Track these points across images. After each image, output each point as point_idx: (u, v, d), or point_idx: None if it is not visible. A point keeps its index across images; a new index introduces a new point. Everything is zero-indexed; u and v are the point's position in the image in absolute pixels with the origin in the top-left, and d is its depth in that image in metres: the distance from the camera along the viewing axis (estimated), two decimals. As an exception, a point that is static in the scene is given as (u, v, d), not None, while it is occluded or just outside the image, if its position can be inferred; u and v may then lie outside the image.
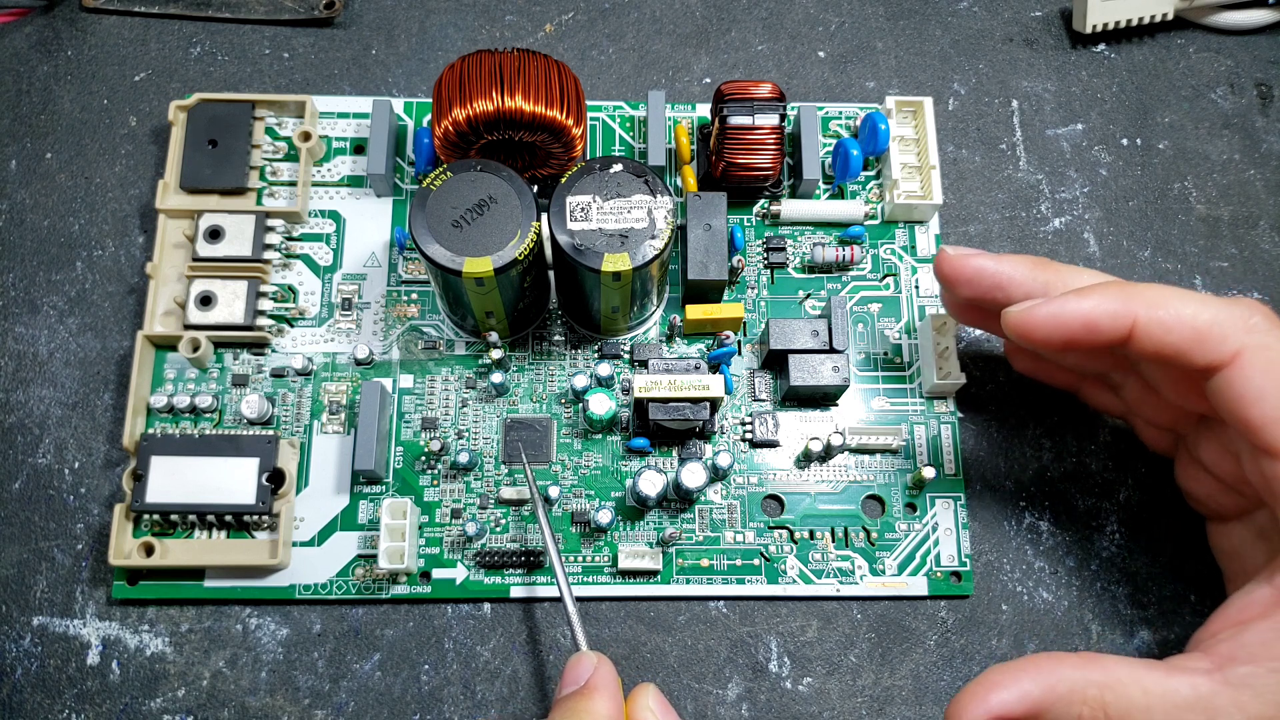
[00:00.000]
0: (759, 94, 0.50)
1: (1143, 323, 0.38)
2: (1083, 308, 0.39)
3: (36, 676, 0.47)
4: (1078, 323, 0.39)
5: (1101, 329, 0.39)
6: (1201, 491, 0.46)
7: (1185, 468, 0.46)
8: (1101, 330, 0.39)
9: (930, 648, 0.49)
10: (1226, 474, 0.43)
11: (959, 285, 0.44)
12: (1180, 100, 0.58)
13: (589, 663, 0.39)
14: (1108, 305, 0.39)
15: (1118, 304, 0.39)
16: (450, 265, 0.44)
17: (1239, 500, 0.44)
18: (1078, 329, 0.39)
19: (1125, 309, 0.39)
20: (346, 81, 0.57)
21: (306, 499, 0.49)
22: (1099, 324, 0.39)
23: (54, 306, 0.52)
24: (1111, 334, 0.39)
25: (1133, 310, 0.38)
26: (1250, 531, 0.43)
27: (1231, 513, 0.44)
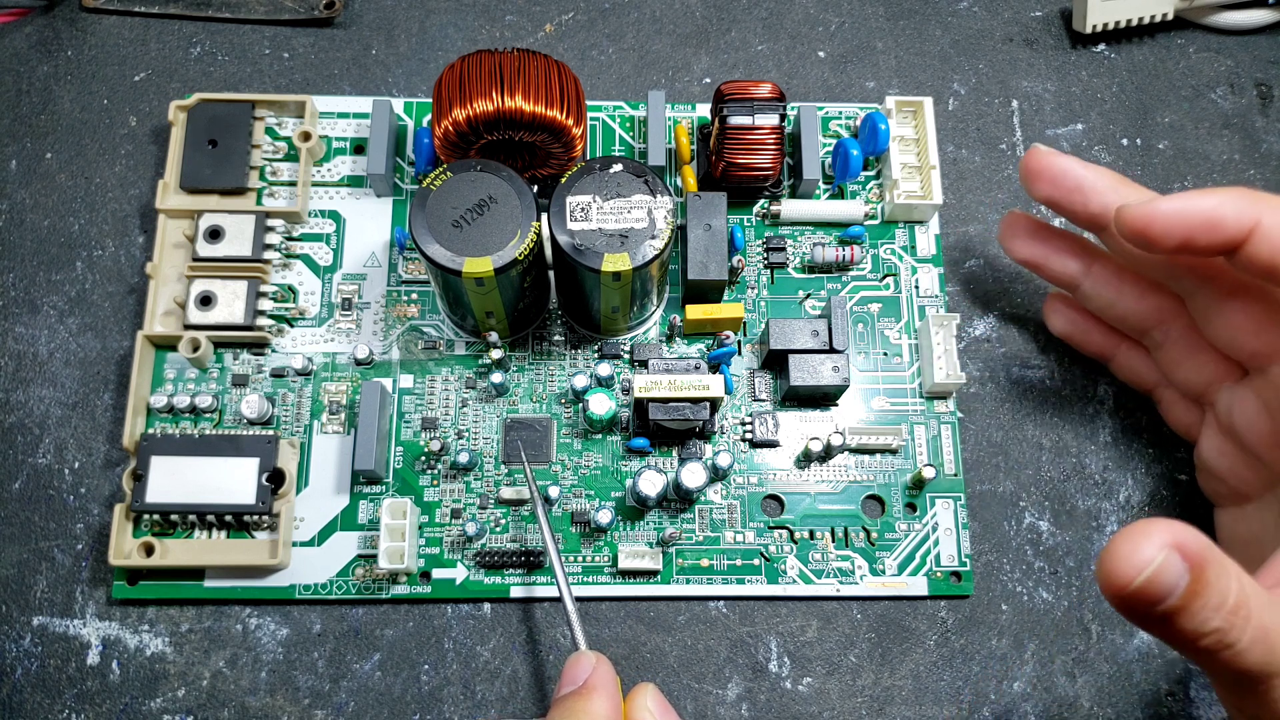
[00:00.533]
0: (759, 94, 0.50)
1: (1267, 225, 0.38)
2: (1209, 203, 0.38)
3: (36, 676, 0.47)
4: (1201, 218, 0.38)
5: (1225, 226, 0.38)
6: (1224, 466, 0.45)
7: (1210, 440, 0.46)
8: (1225, 228, 0.38)
9: (930, 648, 0.49)
10: (1258, 438, 0.43)
11: (1042, 181, 0.44)
12: (1180, 100, 0.58)
13: (587, 662, 0.39)
14: (1234, 203, 0.38)
15: (1244, 204, 0.38)
16: (450, 265, 0.44)
17: (1263, 474, 0.43)
18: (1200, 224, 0.38)
19: (1252, 209, 0.38)
20: (346, 81, 0.57)
21: (306, 499, 0.49)
22: (1224, 221, 0.38)
23: (54, 306, 0.52)
24: (1234, 233, 0.38)
25: (1258, 210, 0.38)
26: (1270, 513, 0.43)
27: (1253, 491, 0.44)
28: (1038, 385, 0.53)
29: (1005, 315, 0.54)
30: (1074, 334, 0.50)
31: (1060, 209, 0.45)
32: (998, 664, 0.48)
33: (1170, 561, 0.30)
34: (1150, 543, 0.30)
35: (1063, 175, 0.43)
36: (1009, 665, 0.48)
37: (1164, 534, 0.31)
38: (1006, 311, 0.54)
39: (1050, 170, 0.44)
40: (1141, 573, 0.30)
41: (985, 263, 0.55)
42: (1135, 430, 0.52)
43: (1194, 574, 0.31)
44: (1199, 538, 0.31)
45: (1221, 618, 0.31)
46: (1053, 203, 0.44)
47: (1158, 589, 0.31)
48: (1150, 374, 0.48)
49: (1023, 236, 0.48)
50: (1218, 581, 0.31)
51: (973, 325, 0.54)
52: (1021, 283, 0.54)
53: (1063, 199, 0.44)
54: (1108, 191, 0.43)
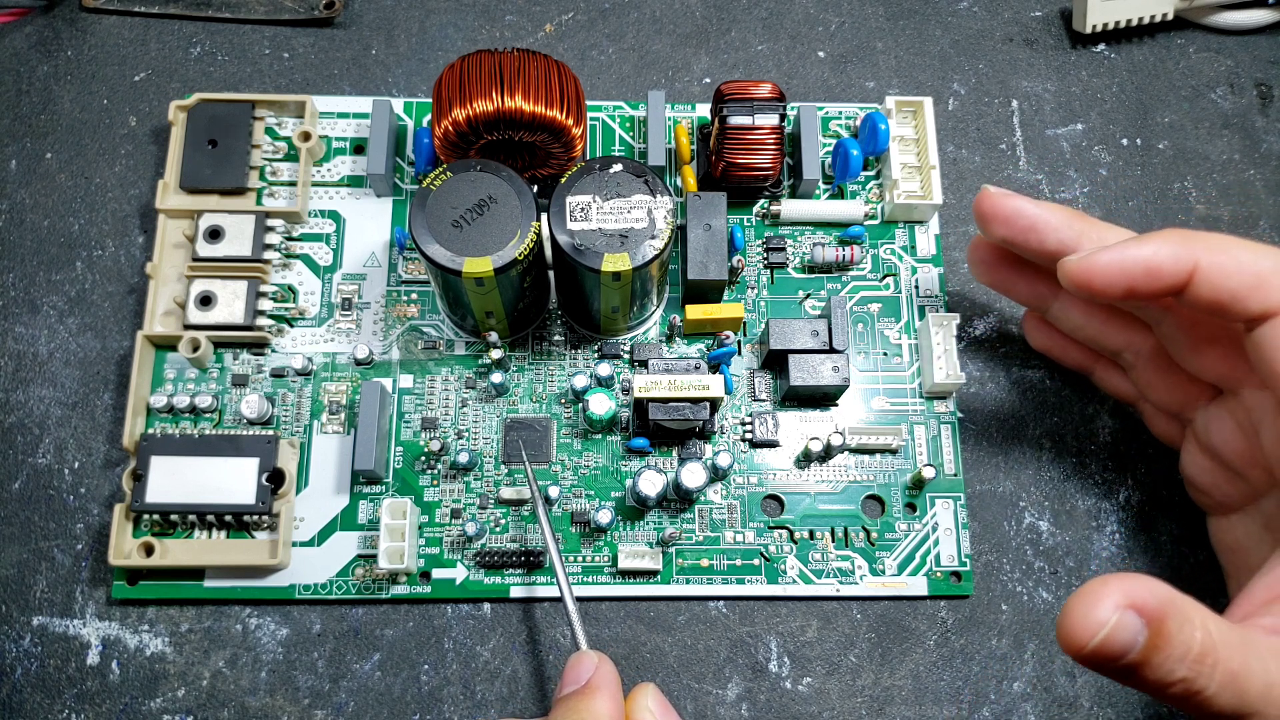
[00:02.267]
0: (759, 94, 0.50)
1: (1204, 267, 0.38)
2: (1144, 252, 0.39)
3: (36, 676, 0.47)
4: (1140, 268, 0.39)
5: (1164, 273, 0.39)
6: (1206, 480, 0.45)
7: (1191, 455, 0.46)
8: (1164, 275, 0.39)
9: (930, 648, 0.49)
10: (1235, 455, 0.43)
11: (995, 223, 0.44)
12: (1180, 100, 0.58)
13: (589, 662, 0.39)
14: (1170, 249, 0.39)
15: (1180, 248, 0.39)
16: (450, 265, 0.44)
17: (1244, 488, 0.44)
18: (1139, 274, 0.39)
19: (1188, 253, 0.38)
20: (346, 81, 0.57)
21: (306, 499, 0.49)
22: (1161, 268, 0.39)
23: (54, 306, 0.52)
24: (1173, 279, 0.39)
25: (1195, 254, 0.38)
26: (1255, 523, 0.43)
27: (1236, 503, 0.44)
28: (1038, 385, 0.53)
29: (1005, 315, 0.54)
30: (1052, 349, 0.51)
31: (1017, 248, 0.45)
32: (998, 664, 0.48)
33: (1125, 621, 0.31)
34: (1103, 604, 0.31)
35: (1015, 216, 0.44)
36: (1009, 665, 0.48)
37: (1117, 594, 0.31)
38: (1006, 311, 0.54)
39: (1002, 212, 0.44)
40: (1096, 634, 0.31)
41: (985, 263, 0.55)
42: (1135, 430, 0.52)
43: (1152, 629, 0.31)
44: (1157, 591, 0.32)
45: (1186, 668, 0.32)
46: (1009, 243, 0.45)
47: (1115, 648, 0.31)
48: (1129, 389, 0.49)
49: (987, 264, 0.49)
50: (1179, 634, 0.32)
51: (973, 325, 0.54)
52: (1021, 283, 0.55)
53: (1018, 239, 0.44)
54: (1062, 228, 0.43)
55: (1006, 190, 0.44)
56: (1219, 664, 0.32)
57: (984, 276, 0.49)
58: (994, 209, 0.44)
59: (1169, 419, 0.47)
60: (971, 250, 0.49)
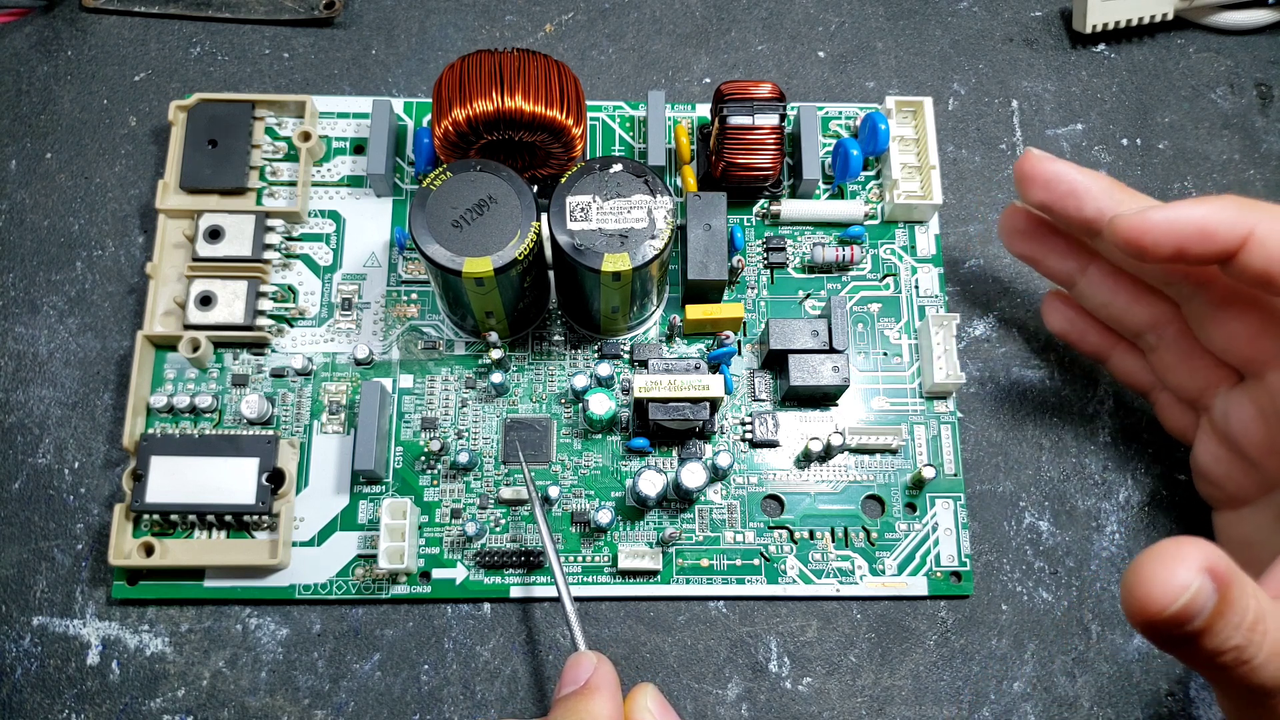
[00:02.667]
0: (759, 94, 0.50)
1: (1260, 235, 0.38)
2: (1200, 212, 0.38)
3: (36, 676, 0.47)
4: (1194, 228, 0.38)
5: (1218, 237, 0.38)
6: (1220, 471, 0.45)
7: (1205, 445, 0.46)
8: (1217, 238, 0.38)
9: (930, 648, 0.49)
10: (1253, 443, 0.43)
11: (1035, 185, 0.44)
12: (1180, 100, 0.58)
13: (588, 662, 0.39)
14: (1227, 213, 0.38)
15: (1238, 213, 0.38)
16: (450, 265, 0.44)
17: (1258, 479, 0.43)
18: (1193, 235, 0.38)
19: (1244, 218, 0.38)
20: (346, 81, 0.57)
21: (306, 499, 0.49)
22: (1216, 231, 0.38)
23: (54, 306, 0.52)
24: (1226, 243, 0.38)
25: (1251, 220, 0.38)
26: (1266, 517, 0.43)
27: (1248, 495, 0.44)
28: (1038, 385, 0.53)
29: (1005, 315, 0.54)
30: (1070, 333, 0.50)
31: (1054, 214, 0.44)
32: (998, 664, 0.48)
33: (1205, 586, 0.30)
34: (1185, 567, 0.29)
35: (1056, 180, 0.43)
36: (1009, 665, 0.48)
37: (1198, 556, 0.30)
38: (1006, 311, 0.54)
39: (1044, 175, 0.43)
40: (1177, 599, 0.29)
41: (985, 263, 0.55)
42: (1135, 430, 0.52)
43: (1221, 594, 0.30)
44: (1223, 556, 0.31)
45: (1242, 635, 0.31)
46: (1047, 208, 0.44)
47: (1190, 612, 0.30)
48: (1145, 376, 0.48)
49: (1020, 232, 0.48)
50: (1240, 600, 0.31)
51: (973, 325, 0.54)
52: (1021, 282, 0.54)
53: (1056, 204, 0.43)
54: (1102, 196, 0.42)
55: (1049, 154, 0.44)
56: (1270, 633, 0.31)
57: (1016, 246, 0.48)
58: (1035, 171, 0.43)
59: (1183, 409, 0.47)
60: (1004, 219, 0.48)
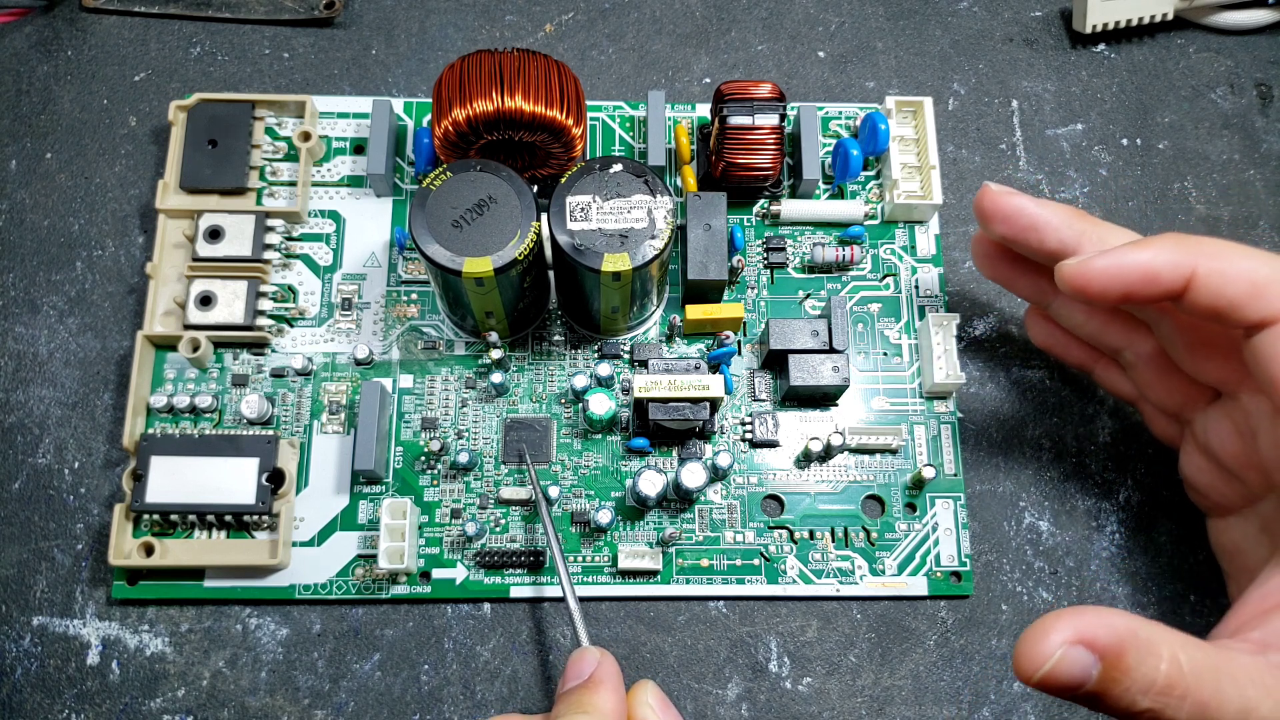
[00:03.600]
0: (759, 94, 0.50)
1: (1202, 274, 0.38)
2: (1142, 258, 0.39)
3: (36, 676, 0.47)
4: (1137, 273, 0.39)
5: (1161, 279, 0.39)
6: (1204, 482, 0.45)
7: (1189, 457, 0.46)
8: (1161, 280, 0.39)
9: (930, 648, 0.49)
10: (1232, 458, 0.43)
11: (996, 221, 0.44)
12: (1180, 100, 0.58)
13: (592, 657, 0.39)
14: (1168, 255, 0.38)
15: (1178, 254, 0.38)
16: (450, 265, 0.44)
17: (1242, 490, 0.43)
18: (1137, 280, 0.39)
19: (1186, 259, 0.38)
20: (346, 81, 0.57)
21: (306, 499, 0.49)
22: (1159, 274, 0.39)
23: (54, 306, 0.52)
24: (1170, 285, 0.39)
25: (1193, 261, 0.38)
26: (1252, 526, 0.43)
27: (1234, 505, 0.44)
28: (1038, 385, 0.53)
29: (1005, 315, 0.54)
30: (1054, 346, 0.50)
31: (1018, 247, 0.45)
32: (998, 664, 0.48)
33: (1071, 655, 0.32)
34: (1050, 639, 0.32)
35: (1016, 214, 0.43)
36: (1009, 665, 0.48)
37: (1065, 630, 0.32)
38: (1006, 311, 0.54)
39: (1003, 210, 0.44)
40: (1041, 667, 0.32)
41: (985, 263, 0.55)
42: (1135, 430, 0.52)
43: (1107, 663, 0.32)
44: (1115, 625, 0.32)
45: (1151, 699, 0.32)
46: (1009, 241, 0.45)
47: (1064, 678, 0.32)
48: (1130, 388, 0.48)
49: (989, 258, 0.48)
50: (1140, 666, 0.32)
51: (973, 325, 0.54)
52: (1021, 283, 0.55)
53: (1018, 237, 0.44)
54: (1062, 228, 0.43)
55: (1008, 188, 0.44)
56: (1188, 694, 0.32)
57: (987, 271, 0.49)
58: (995, 207, 0.44)
59: (1169, 419, 0.47)
60: (974, 244, 0.49)
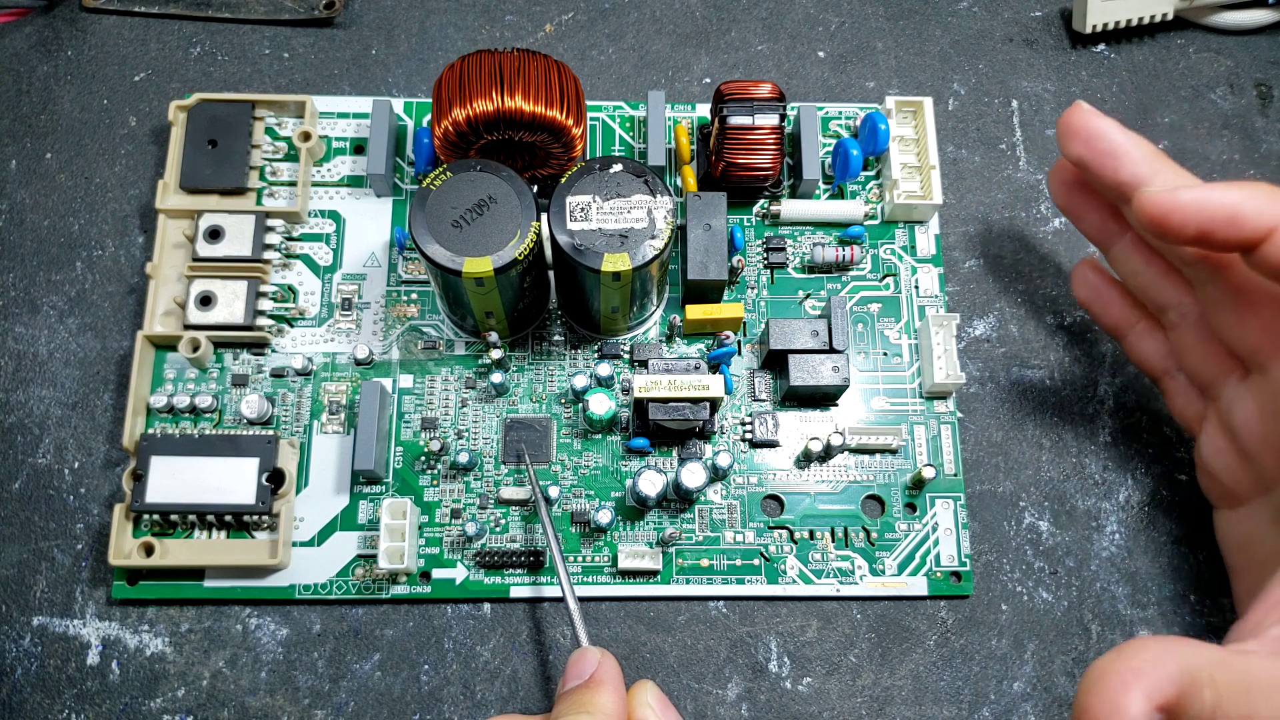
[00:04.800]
0: (759, 94, 0.50)
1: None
2: (1231, 198, 0.38)
3: (36, 676, 0.47)
4: (1223, 213, 0.38)
5: (1246, 224, 0.38)
6: (1221, 465, 0.45)
7: (1210, 437, 0.45)
8: (1244, 226, 0.38)
9: (930, 648, 0.49)
10: (1254, 439, 0.43)
11: (1076, 140, 0.43)
12: (1180, 100, 0.58)
13: (593, 657, 0.39)
14: (1257, 201, 0.38)
15: (1267, 202, 0.38)
16: (450, 265, 0.44)
17: (1257, 477, 0.43)
18: (1219, 220, 0.38)
19: (1274, 209, 0.38)
20: (346, 81, 0.57)
21: (306, 499, 0.49)
22: (1244, 219, 0.38)
23: (54, 306, 0.52)
24: (1253, 232, 0.38)
25: None
26: (1265, 516, 0.43)
27: (1247, 493, 0.44)
28: (1038, 385, 0.53)
29: (1005, 315, 0.54)
30: (1094, 303, 0.50)
31: (1090, 172, 0.44)
32: (998, 664, 0.48)
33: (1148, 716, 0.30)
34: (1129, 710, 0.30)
35: (1098, 137, 0.42)
36: (1009, 665, 0.48)
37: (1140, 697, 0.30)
38: (1006, 311, 0.54)
39: (1086, 130, 0.43)
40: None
41: (985, 263, 0.55)
42: (1135, 430, 0.52)
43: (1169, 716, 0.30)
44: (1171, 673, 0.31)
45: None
46: (1083, 164, 0.43)
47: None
48: (1159, 360, 0.48)
49: (1066, 184, 0.48)
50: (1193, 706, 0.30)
51: (973, 325, 0.54)
52: (1021, 282, 0.55)
53: (1094, 161, 0.43)
54: (1140, 162, 0.42)
55: (1096, 110, 0.43)
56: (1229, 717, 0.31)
57: (1061, 198, 0.48)
58: (1079, 125, 0.43)
59: (1192, 397, 0.47)
60: (1053, 171, 0.48)
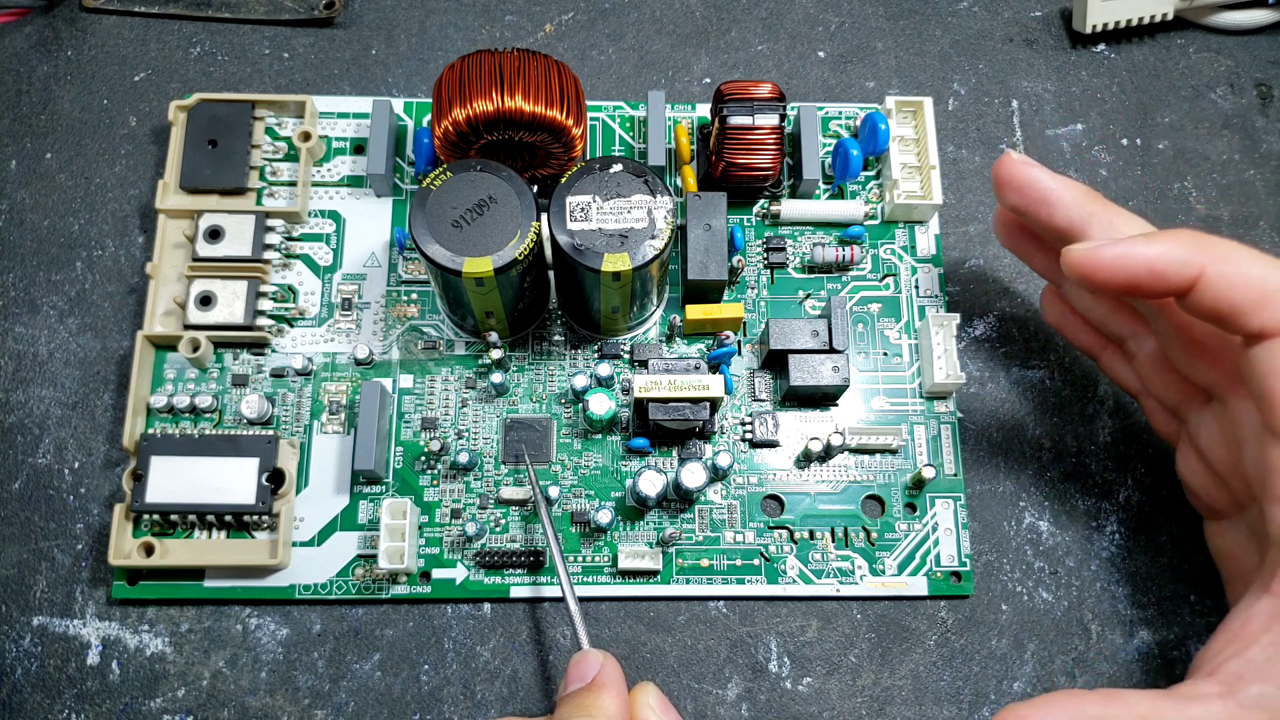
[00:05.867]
0: (759, 94, 0.50)
1: (1211, 275, 0.38)
2: (1151, 252, 0.38)
3: (36, 676, 0.47)
4: (1144, 267, 0.38)
5: (1168, 276, 0.38)
6: (1197, 483, 0.45)
7: (1184, 457, 0.46)
8: (1167, 277, 0.38)
9: (930, 648, 0.49)
10: (1220, 463, 0.43)
11: (1009, 190, 0.44)
12: (1180, 100, 0.58)
13: (595, 660, 0.39)
14: (1178, 252, 0.38)
15: (1188, 252, 0.38)
16: (450, 265, 0.44)
17: (1230, 496, 0.43)
18: (1143, 273, 0.38)
19: (1195, 258, 0.38)
20: (346, 81, 0.57)
21: (306, 499, 0.49)
22: (1166, 270, 0.38)
23: (54, 306, 0.52)
24: (1177, 282, 0.38)
25: (1202, 261, 0.38)
26: (1242, 531, 0.43)
27: (1225, 509, 0.44)
28: (1038, 385, 0.53)
29: (1005, 315, 0.54)
30: (1064, 327, 0.50)
31: (1027, 220, 0.44)
32: (998, 664, 0.48)
33: None
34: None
35: (1030, 186, 0.43)
36: (1009, 665, 0.48)
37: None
38: (1006, 311, 0.54)
39: (1017, 179, 0.43)
40: None
41: (985, 263, 0.55)
42: (1135, 430, 0.52)
43: None
44: None
45: None
46: (1020, 212, 0.44)
47: None
48: (1133, 380, 0.48)
49: (1008, 227, 0.49)
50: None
51: (973, 325, 0.54)
52: (1021, 282, 0.55)
53: (1028, 209, 0.43)
54: (1073, 207, 0.42)
55: (1028, 159, 0.44)
56: None
57: (1004, 240, 0.49)
58: (1010, 175, 0.44)
59: (1168, 415, 0.47)
60: (996, 214, 0.49)
